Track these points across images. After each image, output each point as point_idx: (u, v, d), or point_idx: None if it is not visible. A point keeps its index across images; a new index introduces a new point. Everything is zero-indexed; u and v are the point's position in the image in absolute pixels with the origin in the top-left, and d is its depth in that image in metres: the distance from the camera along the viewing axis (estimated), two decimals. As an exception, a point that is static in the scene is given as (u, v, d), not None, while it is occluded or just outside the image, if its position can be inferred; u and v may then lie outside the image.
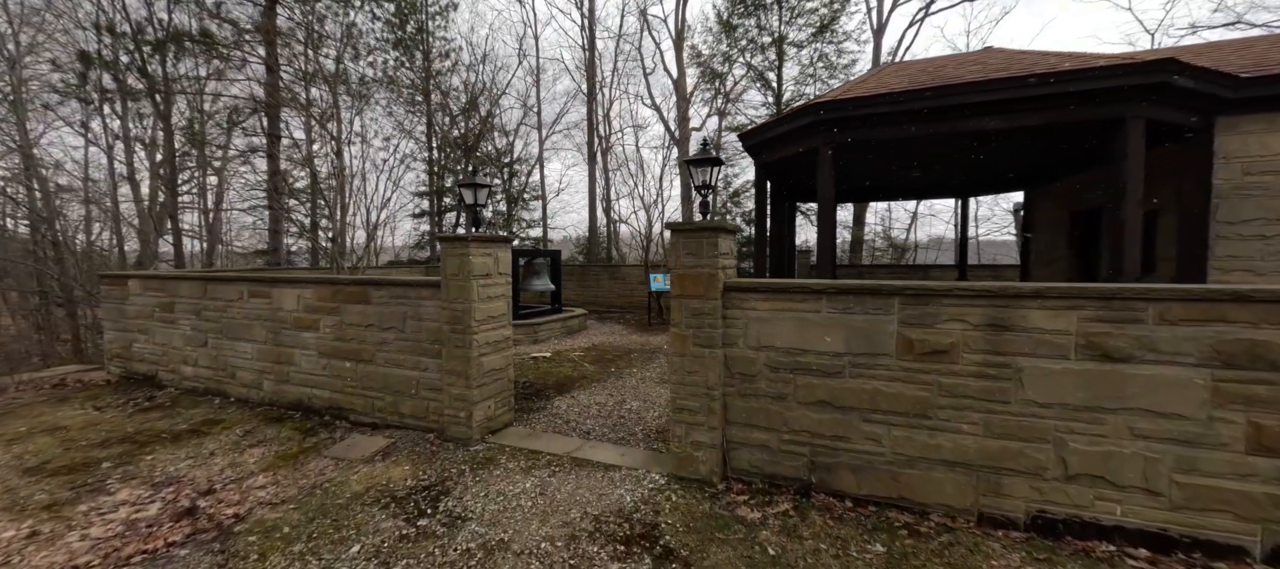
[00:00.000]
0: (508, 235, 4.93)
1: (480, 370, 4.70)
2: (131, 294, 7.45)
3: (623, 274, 15.31)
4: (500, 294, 4.95)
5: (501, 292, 4.97)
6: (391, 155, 12.74)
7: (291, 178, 16.81)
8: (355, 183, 14.14)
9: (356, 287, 5.36)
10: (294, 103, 12.97)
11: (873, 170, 8.13)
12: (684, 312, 3.74)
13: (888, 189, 10.41)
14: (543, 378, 7.01)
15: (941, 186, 9.93)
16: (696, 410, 3.76)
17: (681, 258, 3.72)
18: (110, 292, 7.82)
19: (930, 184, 9.58)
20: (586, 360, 8.03)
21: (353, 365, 5.44)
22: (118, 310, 7.68)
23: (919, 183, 9.27)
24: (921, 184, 9.50)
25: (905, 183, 9.17)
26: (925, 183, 9.38)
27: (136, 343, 7.45)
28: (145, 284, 7.30)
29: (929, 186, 10.01)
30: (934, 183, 9.43)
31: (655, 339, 10.23)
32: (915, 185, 9.79)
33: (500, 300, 4.95)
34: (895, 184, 9.51)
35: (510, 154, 22.05)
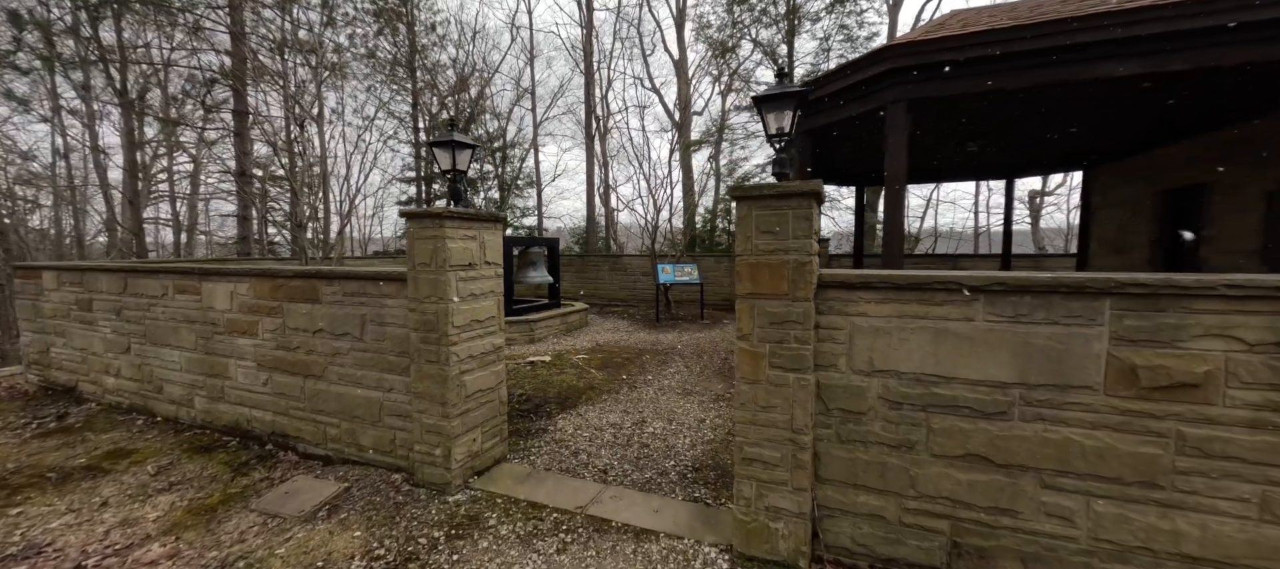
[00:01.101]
0: (499, 214, 3.68)
1: (461, 393, 3.46)
2: (46, 289, 6.11)
3: (624, 265, 14.07)
4: (489, 290, 3.70)
5: (490, 287, 3.72)
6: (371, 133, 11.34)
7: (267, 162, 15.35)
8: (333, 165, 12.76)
9: (301, 280, 4.08)
10: (263, 74, 11.52)
11: (923, 145, 6.93)
12: (756, 318, 2.52)
13: (930, 170, 9.20)
14: (542, 389, 5.78)
15: (991, 166, 8.73)
16: (775, 462, 2.54)
17: (753, 238, 2.49)
18: (24, 286, 6.47)
19: (983, 163, 8.38)
20: (592, 365, 6.81)
21: (300, 382, 4.18)
22: (33, 308, 6.34)
23: (971, 161, 8.08)
24: (974, 162, 8.30)
25: (958, 160, 7.98)
26: (977, 161, 8.18)
27: (54, 347, 6.12)
28: (61, 277, 5.96)
29: (980, 166, 8.80)
30: (986, 162, 8.24)
31: (666, 337, 9.01)
32: (964, 164, 8.59)
33: (489, 299, 3.70)
34: (942, 163, 8.31)
35: (503, 138, 20.64)
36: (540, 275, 9.82)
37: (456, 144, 3.53)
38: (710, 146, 17.59)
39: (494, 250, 3.72)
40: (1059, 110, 5.43)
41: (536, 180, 20.15)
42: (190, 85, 12.60)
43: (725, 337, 9.05)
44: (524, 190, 20.98)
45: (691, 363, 7.10)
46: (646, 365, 6.93)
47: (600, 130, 19.08)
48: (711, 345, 8.31)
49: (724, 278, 13.03)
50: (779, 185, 2.40)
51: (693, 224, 17.83)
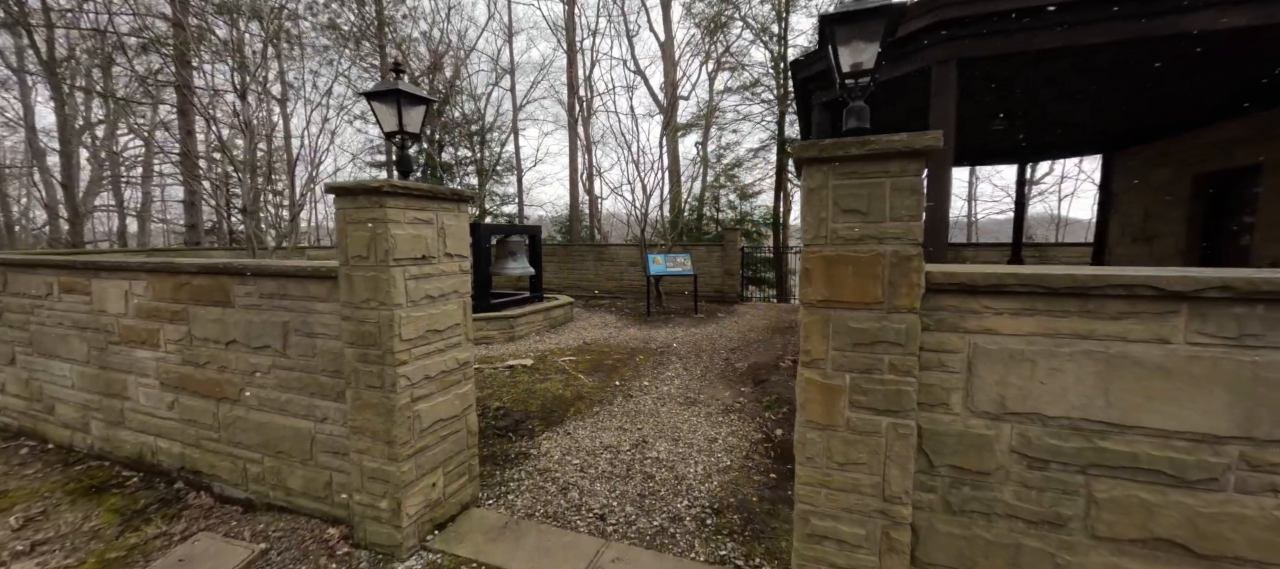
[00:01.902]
0: (464, 192, 2.81)
1: (414, 427, 2.61)
2: (-82, 286, 5.00)
3: (611, 254, 13.22)
4: (451, 290, 2.84)
5: (453, 286, 2.86)
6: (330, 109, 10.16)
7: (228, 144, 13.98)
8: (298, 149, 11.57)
9: (208, 278, 3.15)
10: (205, 40, 10.26)
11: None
12: (833, 336, 1.72)
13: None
14: (524, 400, 4.93)
15: (1008, 150, 8.09)
16: (856, 542, 1.77)
17: (830, 220, 1.69)
18: (-105, 282, 5.33)
19: (1000, 146, 7.72)
20: (580, 368, 5.98)
21: (213, 406, 3.27)
22: (-95, 309, 5.22)
23: (988, 143, 7.41)
24: (989, 145, 7.64)
25: (977, 141, 7.30)
26: (994, 144, 7.52)
27: (-69, 356, 5.04)
28: (-67, 272, 4.86)
29: (995, 150, 8.15)
30: (1003, 145, 7.59)
31: (659, 334, 8.23)
32: (978, 148, 7.94)
33: (451, 301, 2.84)
34: (960, 144, 7.62)
35: (481, 121, 19.45)
36: (520, 266, 8.92)
37: (403, 96, 2.64)
38: (699, 130, 16.75)
39: (458, 238, 2.86)
40: (1113, 79, 4.74)
41: (517, 166, 19.07)
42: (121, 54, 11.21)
43: (723, 333, 8.30)
44: (503, 176, 19.88)
45: (691, 364, 6.33)
46: (641, 368, 6.13)
47: (584, 113, 18.06)
48: (709, 343, 7.55)
49: (715, 268, 12.28)
50: (874, 141, 1.60)
51: (680, 212, 17.02)
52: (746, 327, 8.86)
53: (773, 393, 4.99)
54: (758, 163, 16.23)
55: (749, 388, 5.29)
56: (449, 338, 2.83)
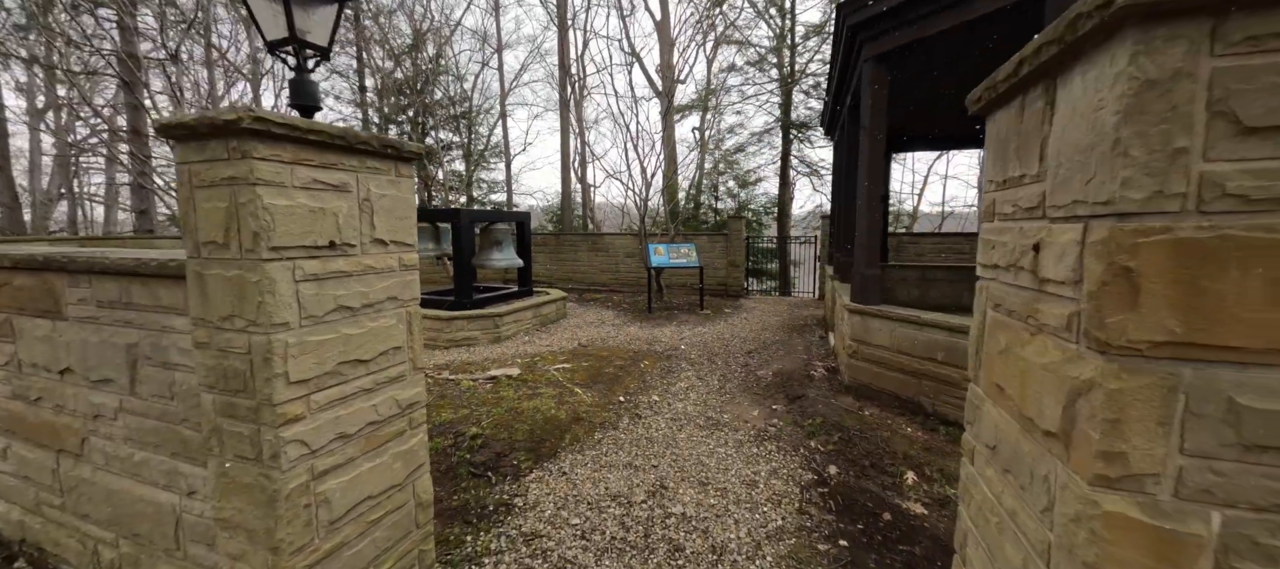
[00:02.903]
0: (405, 145, 1.80)
1: (317, 519, 1.61)
2: None
3: (606, 244, 12.19)
4: (384, 297, 1.82)
5: (387, 289, 1.84)
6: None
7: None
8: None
9: (30, 275, 2.12)
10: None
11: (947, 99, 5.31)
12: (1189, 418, 0.75)
13: (956, 135, 7.63)
14: (507, 426, 3.94)
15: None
16: None
17: (1207, 154, 0.71)
18: None
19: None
20: (577, 378, 5.00)
21: (52, 459, 2.24)
22: None
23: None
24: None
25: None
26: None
27: None
28: None
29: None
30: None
31: (664, 333, 7.26)
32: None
33: (386, 314, 1.82)
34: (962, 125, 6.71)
35: (469, 103, 18.23)
36: (507, 257, 7.88)
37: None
38: (698, 113, 15.71)
39: (396, 217, 1.84)
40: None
41: (505, 151, 17.90)
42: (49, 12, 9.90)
43: (735, 332, 7.35)
44: (491, 162, 18.71)
45: (706, 372, 5.37)
46: (649, 377, 5.17)
47: (577, 94, 16.91)
48: (722, 345, 6.59)
49: (718, 260, 11.32)
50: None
51: (676, 200, 16.02)
52: (759, 324, 7.93)
53: (813, 414, 4.05)
54: (760, 148, 15.24)
55: (782, 405, 4.35)
56: (382, 370, 1.83)
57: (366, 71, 15.09)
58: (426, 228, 7.77)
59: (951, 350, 3.51)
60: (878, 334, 4.04)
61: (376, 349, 1.80)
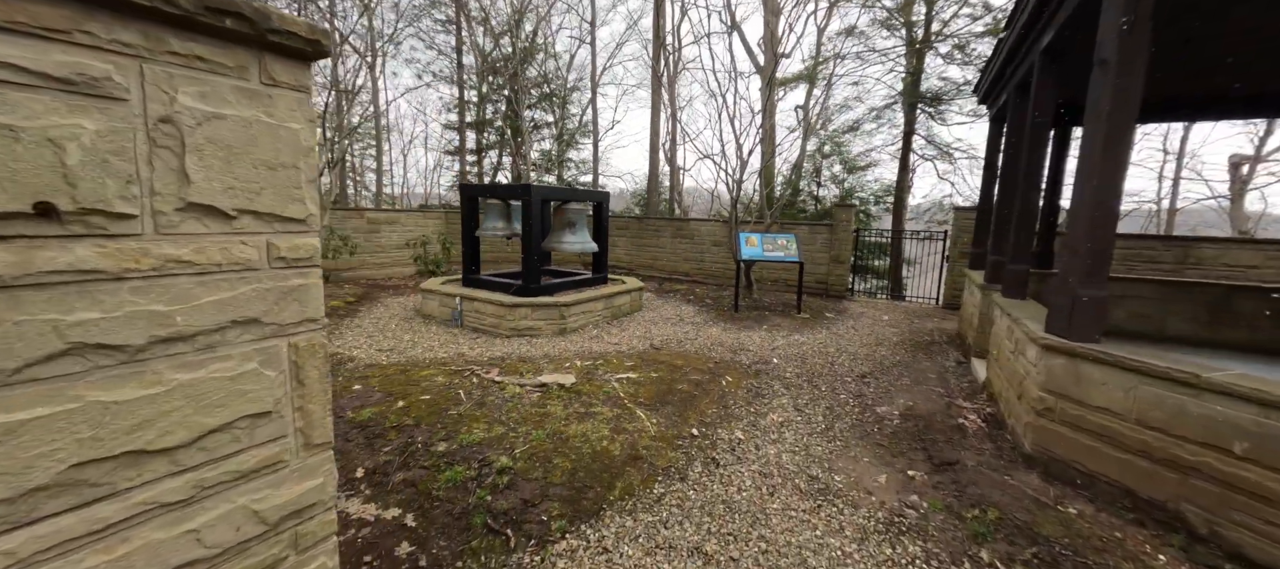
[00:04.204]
0: (296, 24, 0.92)
1: None
2: None
3: (692, 231, 11.07)
4: (225, 324, 0.92)
5: (228, 309, 0.93)
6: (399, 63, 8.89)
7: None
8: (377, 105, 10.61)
9: None
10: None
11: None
12: None
13: (1181, 102, 5.40)
14: (546, 458, 3.06)
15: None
16: None
17: None
18: None
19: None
20: (640, 395, 4.03)
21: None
22: None
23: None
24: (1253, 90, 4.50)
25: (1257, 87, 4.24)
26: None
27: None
28: None
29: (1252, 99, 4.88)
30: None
31: (752, 339, 6.06)
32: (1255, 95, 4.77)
33: (227, 351, 0.93)
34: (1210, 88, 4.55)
35: (563, 81, 17.83)
36: (581, 241, 7.10)
37: None
38: (803, 88, 13.90)
39: (260, 165, 0.94)
40: None
41: (594, 130, 17.31)
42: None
43: (841, 343, 5.95)
44: (579, 142, 18.26)
45: (806, 399, 4.15)
46: (731, 401, 4.06)
47: (670, 69, 15.77)
48: (825, 360, 5.27)
49: (820, 254, 9.74)
50: None
51: (772, 184, 14.39)
52: (871, 336, 6.43)
53: (978, 498, 2.72)
54: (879, 126, 13.10)
55: (923, 471, 3.04)
56: (221, 458, 0.95)
57: (464, 50, 15.14)
58: (497, 205, 7.20)
59: (1266, 441, 2.02)
60: (1098, 390, 2.59)
61: (203, 422, 0.92)
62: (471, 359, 4.95)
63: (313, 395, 1.09)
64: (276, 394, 1.02)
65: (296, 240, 1.02)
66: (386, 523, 2.55)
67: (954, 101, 10.98)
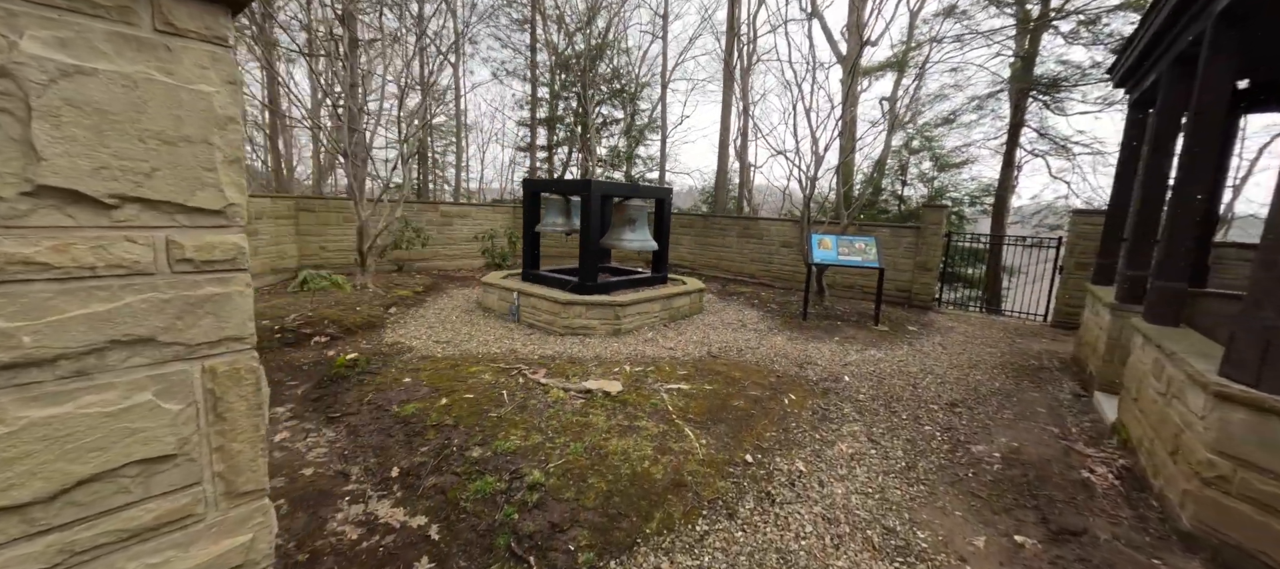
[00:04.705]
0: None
1: None
2: None
3: (759, 231, 10.46)
4: (103, 344, 0.71)
5: (105, 325, 0.73)
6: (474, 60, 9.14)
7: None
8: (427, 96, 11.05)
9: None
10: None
11: None
12: None
13: None
14: (580, 476, 2.81)
15: None
16: None
17: None
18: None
19: None
20: (691, 410, 3.67)
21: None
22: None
23: None
24: None
25: None
26: None
27: None
28: None
29: None
30: None
31: (821, 352, 5.48)
32: None
33: (110, 379, 0.73)
34: None
35: (634, 79, 17.67)
36: (640, 239, 6.82)
37: None
38: (890, 77, 12.73)
39: (152, 140, 0.72)
40: None
41: (662, 125, 17.01)
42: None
43: (926, 363, 5.22)
44: (648, 138, 18.02)
45: (882, 428, 3.59)
46: (793, 424, 3.60)
47: (744, 61, 15.09)
48: (907, 382, 4.62)
49: (903, 259, 8.80)
50: None
51: (850, 183, 13.31)
52: (963, 355, 5.61)
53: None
54: (981, 118, 11.69)
55: (1036, 540, 2.45)
56: (94, 515, 0.74)
57: (537, 47, 15.38)
58: (557, 200, 7.10)
59: None
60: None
61: (71, 471, 0.71)
62: (522, 356, 4.83)
63: (237, 432, 0.86)
64: (182, 432, 0.80)
65: (210, 238, 0.79)
66: (411, 532, 2.42)
67: (1076, 87, 9.47)
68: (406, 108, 9.38)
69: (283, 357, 4.69)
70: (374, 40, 11.32)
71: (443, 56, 14.79)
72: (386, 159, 12.75)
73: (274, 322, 5.30)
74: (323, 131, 10.95)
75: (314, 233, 8.82)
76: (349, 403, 3.69)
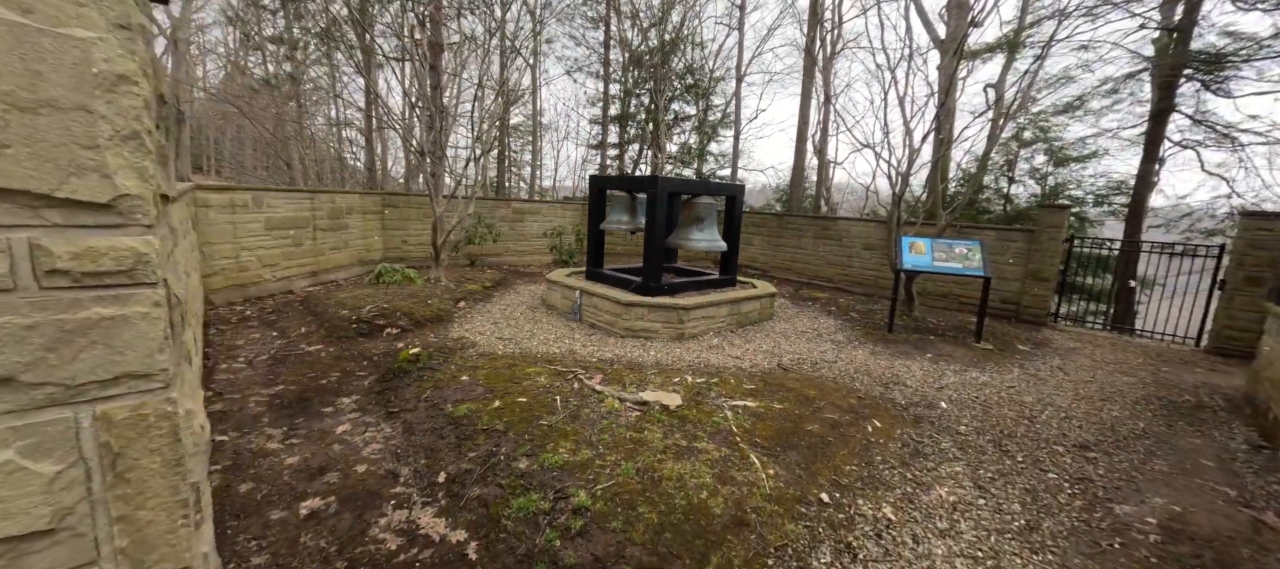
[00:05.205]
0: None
1: None
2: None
3: (839, 232, 9.63)
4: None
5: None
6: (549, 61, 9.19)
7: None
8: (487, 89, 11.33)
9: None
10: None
11: None
12: None
13: None
14: (628, 504, 2.52)
15: None
16: None
17: None
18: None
19: None
20: (757, 433, 3.27)
21: None
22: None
23: None
24: None
25: None
26: None
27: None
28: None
29: None
30: None
31: (910, 372, 4.82)
32: None
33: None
34: None
35: (708, 74, 17.15)
36: (708, 238, 6.43)
37: None
38: (1002, 57, 11.28)
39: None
40: None
41: (736, 120, 16.37)
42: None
43: (1043, 392, 4.41)
44: (720, 134, 17.44)
45: (989, 467, 2.99)
46: (877, 456, 3.10)
47: (827, 50, 14.09)
48: (1021, 413, 3.88)
49: (1012, 267, 7.68)
50: None
51: (945, 178, 11.94)
52: (1093, 385, 4.69)
53: None
54: (1111, 105, 10.03)
55: (1225, 653, 1.83)
56: None
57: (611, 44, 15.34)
58: (622, 197, 6.88)
59: None
60: None
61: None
62: (580, 358, 4.66)
63: (148, 496, 0.65)
64: (62, 501, 0.60)
65: (94, 241, 0.58)
66: (449, 548, 2.26)
67: (1250, 62, 7.75)
68: (485, 108, 9.63)
69: (357, 347, 4.85)
70: (455, 43, 11.76)
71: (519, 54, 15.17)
72: (465, 157, 13.29)
73: (352, 312, 5.54)
74: (407, 131, 11.57)
75: (397, 227, 9.29)
76: (408, 399, 3.68)
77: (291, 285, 6.92)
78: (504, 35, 13.44)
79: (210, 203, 5.84)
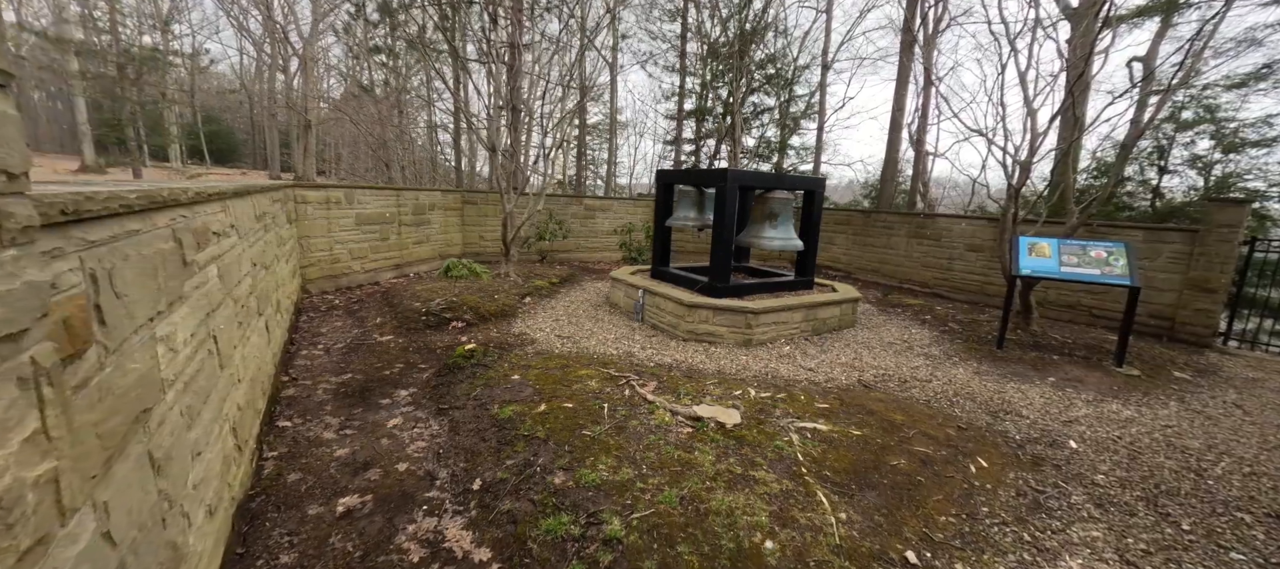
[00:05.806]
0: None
1: None
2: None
3: (937, 231, 8.50)
4: None
5: None
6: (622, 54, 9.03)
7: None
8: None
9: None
10: None
11: None
12: None
13: None
14: (668, 540, 2.18)
15: None
16: None
17: None
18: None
19: None
20: (826, 464, 2.79)
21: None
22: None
23: None
24: None
25: None
26: None
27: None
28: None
29: None
30: None
31: (1024, 396, 3.99)
32: None
33: None
34: None
35: (788, 59, 16.13)
36: (783, 236, 5.89)
37: None
38: (1155, 22, 9.40)
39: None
40: None
41: (820, 110, 15.27)
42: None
43: (1213, 433, 3.43)
44: (803, 126, 16.37)
45: (1140, 535, 2.29)
46: (982, 506, 2.50)
47: (929, 28, 12.62)
48: (1183, 463, 3.02)
49: (1165, 274, 6.28)
50: None
51: (1076, 169, 10.15)
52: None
53: None
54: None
55: None
56: None
57: (688, 37, 14.90)
58: (690, 192, 6.51)
59: None
60: None
61: None
62: (637, 362, 4.39)
63: None
64: None
65: None
66: (470, 568, 2.09)
67: None
68: (563, 106, 9.71)
69: (423, 339, 4.95)
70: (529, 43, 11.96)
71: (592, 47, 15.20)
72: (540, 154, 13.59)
73: (423, 305, 5.71)
74: (491, 130, 12.01)
75: (475, 223, 9.64)
76: (458, 396, 3.63)
77: (377, 277, 7.35)
78: (583, 31, 13.53)
79: (308, 200, 6.31)
